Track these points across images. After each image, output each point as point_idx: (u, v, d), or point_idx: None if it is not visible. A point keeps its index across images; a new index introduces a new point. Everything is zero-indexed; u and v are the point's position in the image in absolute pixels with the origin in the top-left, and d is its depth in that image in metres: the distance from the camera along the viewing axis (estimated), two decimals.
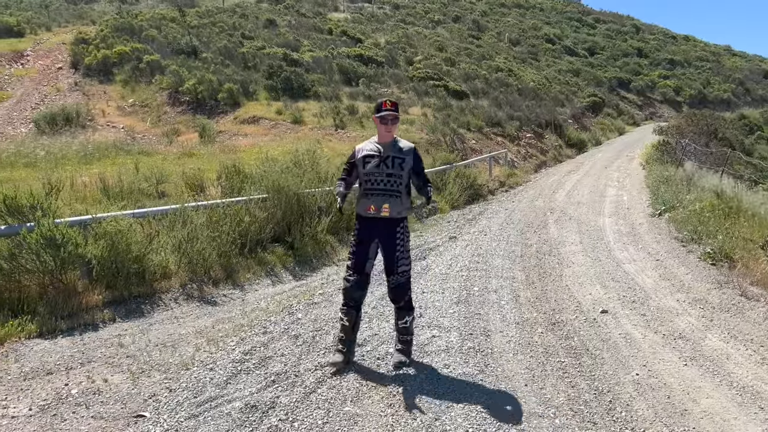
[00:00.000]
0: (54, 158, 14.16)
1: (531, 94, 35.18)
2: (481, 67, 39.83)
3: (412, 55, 38.60)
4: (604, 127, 38.42)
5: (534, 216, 12.42)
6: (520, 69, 45.58)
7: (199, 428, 3.73)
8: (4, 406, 4.07)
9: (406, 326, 4.68)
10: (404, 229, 4.63)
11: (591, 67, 60.57)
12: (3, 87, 24.53)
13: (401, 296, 4.61)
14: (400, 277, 4.57)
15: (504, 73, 40.20)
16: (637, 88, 58.50)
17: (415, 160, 4.65)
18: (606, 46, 71.55)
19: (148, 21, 34.84)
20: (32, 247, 5.70)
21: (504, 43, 58.63)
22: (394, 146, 4.63)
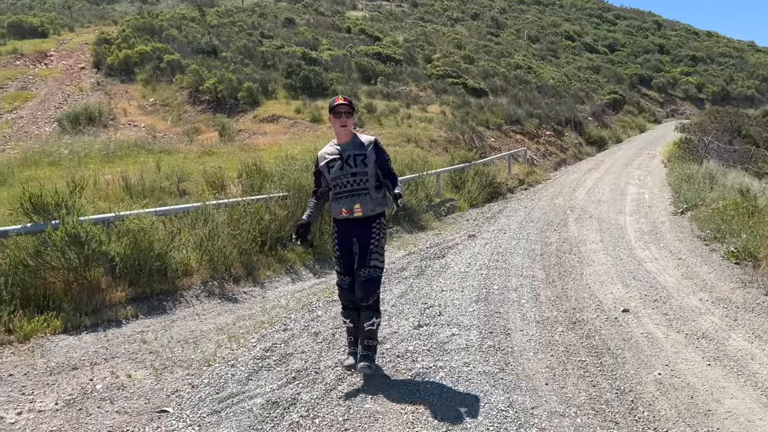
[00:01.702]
0: (77, 157, 14.36)
1: (550, 91, 34.93)
2: (500, 65, 39.63)
3: (430, 53, 38.53)
4: (624, 125, 38.02)
5: (554, 214, 12.34)
6: (539, 66, 45.28)
7: (221, 424, 3.77)
8: (31, 400, 4.15)
9: (372, 329, 4.45)
10: (380, 226, 4.51)
11: (611, 64, 59.95)
12: (27, 87, 24.92)
13: (371, 292, 4.41)
14: (372, 272, 4.41)
15: (523, 70, 39.97)
16: (659, 85, 57.78)
17: (377, 153, 4.49)
18: (627, 43, 70.76)
19: (169, 21, 35.16)
20: (57, 244, 5.80)
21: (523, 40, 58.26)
22: (354, 143, 4.48)
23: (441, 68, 32.50)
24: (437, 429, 3.68)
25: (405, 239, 9.97)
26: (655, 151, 25.44)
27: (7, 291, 5.50)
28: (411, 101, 25.76)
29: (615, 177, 18.67)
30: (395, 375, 4.48)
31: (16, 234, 5.82)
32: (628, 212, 12.39)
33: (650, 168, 20.58)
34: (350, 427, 3.71)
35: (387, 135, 19.69)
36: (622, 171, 20.22)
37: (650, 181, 17.31)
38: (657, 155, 23.96)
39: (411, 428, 3.69)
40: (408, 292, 6.73)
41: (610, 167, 21.59)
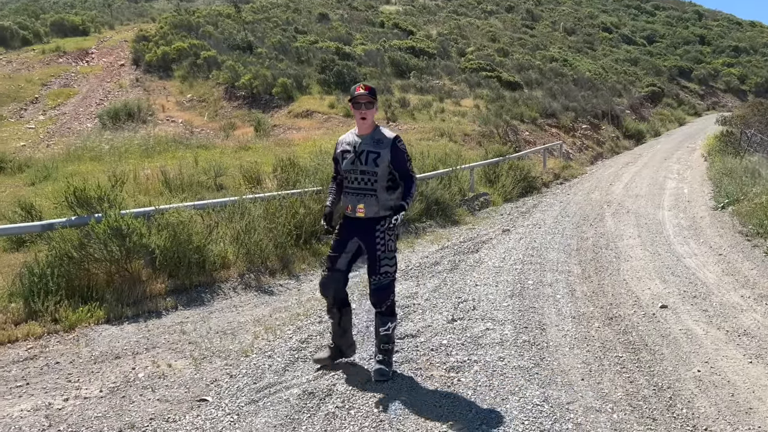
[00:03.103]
0: (118, 152, 14.71)
1: (587, 84, 34.38)
2: (535, 58, 39.16)
3: (464, 47, 38.29)
4: (663, 118, 37.19)
5: (590, 209, 12.18)
6: (575, 59, 44.59)
7: (259, 413, 3.85)
8: (77, 387, 4.30)
9: (387, 333, 4.31)
10: (388, 228, 4.24)
11: (650, 55, 58.62)
12: (70, 84, 25.60)
13: (383, 299, 4.26)
14: (383, 279, 4.23)
15: (559, 63, 39.42)
16: (699, 77, 56.24)
17: (393, 153, 4.16)
18: (666, 34, 69.11)
19: (205, 17, 35.68)
20: (100, 237, 5.96)
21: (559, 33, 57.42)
22: (372, 138, 4.21)
23: (475, 62, 32.27)
24: (472, 422, 3.69)
25: (438, 233, 9.96)
26: (695, 145, 24.86)
27: (53, 282, 5.68)
28: (444, 95, 25.66)
29: (653, 171, 18.32)
30: (429, 368, 4.50)
31: (62, 227, 6.01)
32: (667, 207, 12.16)
33: (690, 162, 20.13)
34: (385, 419, 3.75)
35: (420, 129, 19.67)
36: (661, 165, 19.82)
37: (690, 176, 16.94)
38: (697, 149, 23.42)
39: (445, 422, 3.71)
40: (441, 287, 6.74)
41: (648, 161, 21.19)
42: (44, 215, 7.60)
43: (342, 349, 4.54)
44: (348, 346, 4.58)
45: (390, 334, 4.34)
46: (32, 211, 7.89)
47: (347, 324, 4.52)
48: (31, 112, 22.37)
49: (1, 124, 20.83)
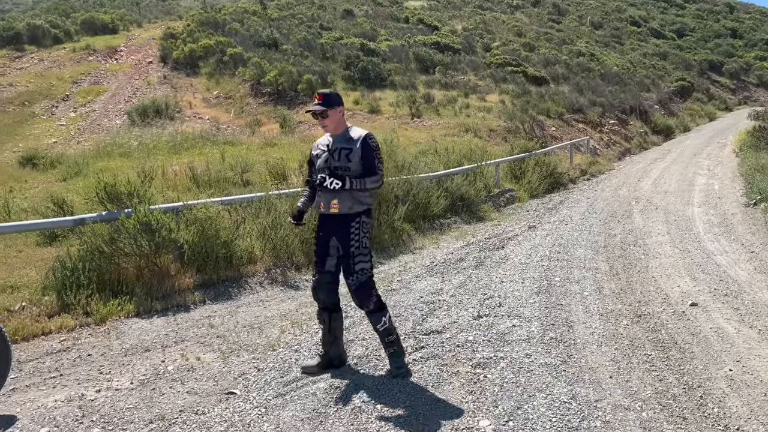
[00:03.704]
0: (146, 148, 14.93)
1: (614, 78, 33.90)
2: (561, 52, 38.73)
3: (489, 42, 38.03)
4: (693, 113, 36.50)
5: (618, 205, 12.03)
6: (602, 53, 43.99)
7: (286, 407, 3.88)
8: (109, 379, 4.38)
9: (386, 327, 4.24)
10: (361, 225, 4.21)
11: (679, 49, 57.53)
12: (99, 81, 26.03)
13: (365, 298, 4.18)
14: (360, 276, 4.16)
15: (586, 57, 38.93)
16: (730, 71, 55.00)
17: (364, 149, 4.17)
18: (696, 27, 67.76)
19: (231, 15, 35.96)
20: (130, 231, 6.07)
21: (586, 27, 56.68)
22: (344, 137, 4.23)
23: (500, 57, 32.03)
24: (499, 418, 3.68)
25: (463, 230, 9.93)
26: (726, 140, 24.35)
27: (85, 276, 5.80)
28: (469, 90, 25.52)
29: (683, 167, 18.01)
30: (455, 364, 4.49)
31: (93, 222, 6.12)
32: (697, 203, 11.95)
33: (720, 158, 19.74)
34: (412, 414, 3.75)
35: (445, 125, 19.61)
36: (691, 161, 19.48)
37: (720, 172, 16.61)
38: (728, 144, 22.94)
39: (473, 417, 3.71)
40: (467, 283, 6.71)
41: (678, 157, 20.83)
42: (75, 210, 7.75)
43: (331, 358, 4.43)
44: (337, 356, 4.46)
45: (388, 326, 4.27)
46: (64, 206, 8.06)
47: (338, 331, 4.42)
48: (62, 110, 22.80)
49: (34, 121, 21.28)
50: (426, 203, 9.78)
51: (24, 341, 5.04)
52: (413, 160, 10.90)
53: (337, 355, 4.45)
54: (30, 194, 10.37)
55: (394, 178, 9.24)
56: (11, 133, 19.29)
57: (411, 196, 9.39)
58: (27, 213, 8.40)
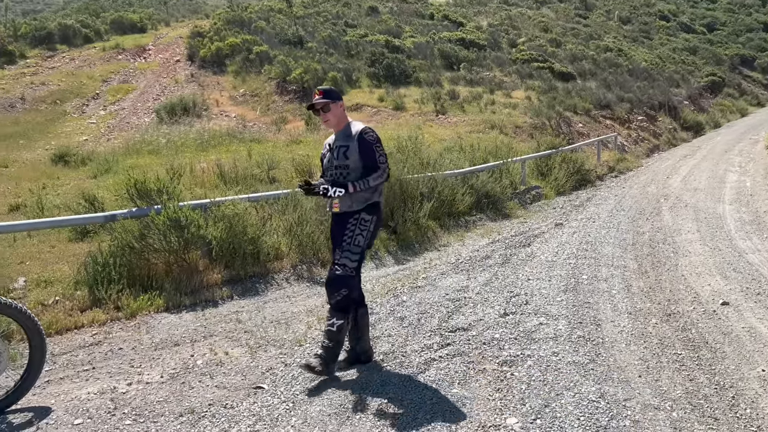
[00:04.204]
0: (174, 146, 15.13)
1: (643, 74, 33.36)
2: (588, 48, 38.24)
3: (515, 37, 37.70)
4: (723, 109, 35.75)
5: (646, 202, 11.86)
6: (630, 48, 43.33)
7: (313, 402, 3.91)
8: (139, 373, 4.46)
9: (331, 329, 4.14)
10: (359, 222, 4.16)
11: (710, 44, 56.39)
12: (128, 80, 26.42)
13: (333, 291, 4.13)
14: (337, 269, 4.12)
15: (613, 53, 38.37)
16: (763, 65, 53.67)
17: (360, 144, 4.13)
18: (727, 21, 66.31)
19: (257, 13, 36.20)
20: (160, 228, 6.16)
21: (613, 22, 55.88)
22: (343, 134, 4.24)
23: (526, 52, 31.74)
24: (526, 416, 3.67)
25: (489, 227, 9.88)
26: (758, 137, 23.82)
27: (116, 271, 5.91)
28: (495, 87, 25.34)
29: (713, 164, 17.67)
30: (482, 362, 4.48)
31: (123, 218, 6.23)
32: (728, 201, 11.73)
33: (752, 154, 19.33)
34: (438, 411, 3.75)
35: (470, 122, 19.51)
36: (721, 157, 19.10)
37: (752, 168, 16.27)
38: (760, 140, 22.44)
39: (499, 415, 3.70)
40: (493, 280, 6.68)
41: (708, 153, 20.45)
42: (106, 207, 7.90)
43: (357, 354, 4.43)
44: (364, 352, 4.44)
45: (334, 331, 4.12)
46: (95, 202, 8.22)
47: (363, 327, 4.39)
48: (92, 108, 23.21)
49: (65, 120, 21.70)
50: (451, 200, 9.75)
51: (57, 335, 5.16)
52: (438, 157, 10.87)
53: (363, 351, 4.46)
54: (62, 191, 10.58)
55: (419, 174, 9.24)
56: (44, 131, 19.69)
57: (436, 193, 9.38)
58: (59, 209, 8.58)
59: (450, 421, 3.64)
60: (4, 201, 9.81)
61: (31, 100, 22.86)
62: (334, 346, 4.18)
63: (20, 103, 22.50)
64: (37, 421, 3.70)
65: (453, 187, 9.91)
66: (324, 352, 4.17)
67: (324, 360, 4.14)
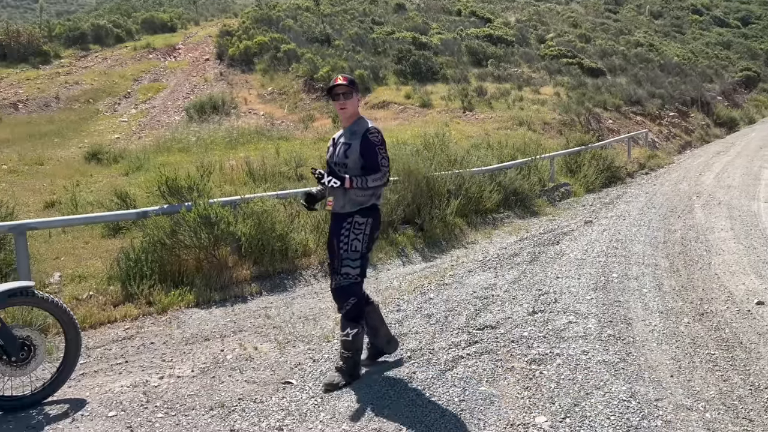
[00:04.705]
0: (204, 143, 15.31)
1: (675, 69, 32.77)
2: (618, 43, 37.69)
3: (543, 33, 37.32)
4: (758, 104, 34.94)
5: (678, 200, 11.65)
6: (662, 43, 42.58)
7: (342, 397, 3.94)
8: (171, 367, 4.54)
9: (346, 339, 4.08)
10: (353, 226, 4.02)
11: (744, 38, 55.10)
12: (159, 79, 26.81)
13: (342, 301, 4.06)
14: (341, 280, 4.02)
15: (644, 48, 37.76)
16: None
17: (363, 145, 3.98)
18: (762, 15, 64.68)
19: (285, 11, 36.41)
20: (190, 224, 6.25)
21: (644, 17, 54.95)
22: (350, 130, 4.10)
23: (555, 48, 31.41)
24: (555, 415, 3.64)
25: (517, 224, 9.81)
26: None
27: (148, 267, 6.02)
28: (523, 83, 25.13)
29: (747, 160, 17.28)
30: (510, 360, 4.45)
31: (155, 215, 6.34)
32: (763, 198, 11.46)
33: None
34: (466, 408, 3.75)
35: (497, 118, 19.38)
36: (756, 154, 18.66)
37: None
38: None
39: (528, 413, 3.68)
40: (521, 278, 6.64)
41: (742, 150, 20.00)
42: (138, 204, 8.04)
43: (379, 347, 4.41)
44: (386, 343, 4.41)
45: (349, 340, 4.08)
46: (127, 199, 8.37)
47: (376, 321, 4.34)
48: (124, 106, 23.61)
49: (98, 118, 22.11)
50: (478, 197, 9.70)
51: (91, 329, 5.27)
52: (465, 154, 10.83)
53: (386, 342, 4.42)
54: (95, 188, 10.80)
55: (447, 172, 9.21)
56: (77, 130, 20.10)
57: (463, 191, 9.34)
58: (93, 206, 8.76)
59: (478, 418, 3.63)
60: (40, 198, 10.05)
61: (65, 100, 23.35)
62: (353, 354, 4.16)
63: (55, 103, 23.00)
64: (72, 413, 3.79)
65: (480, 184, 9.86)
66: (344, 363, 4.15)
67: (345, 371, 4.13)
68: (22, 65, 27.64)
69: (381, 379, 4.18)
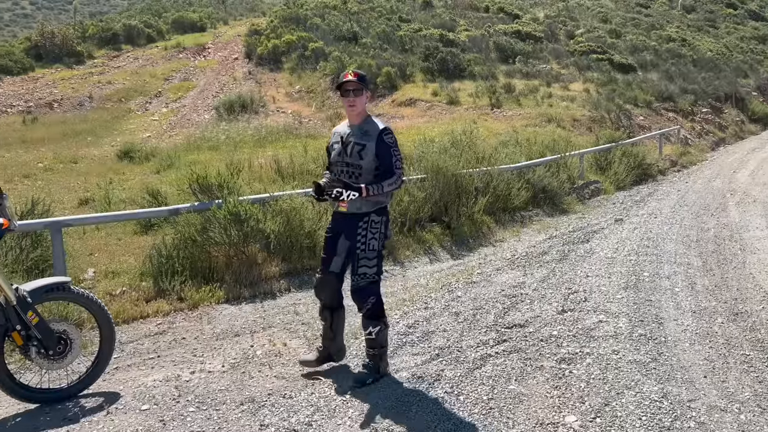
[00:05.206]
0: (233, 142, 15.48)
1: (708, 65, 32.09)
2: (650, 38, 37.04)
3: (573, 29, 36.84)
4: None
5: (711, 198, 11.42)
6: (695, 38, 41.71)
7: (370, 394, 3.96)
8: (202, 362, 4.61)
9: (371, 338, 4.09)
10: (369, 225, 4.02)
11: None
12: (189, 78, 27.16)
13: (362, 301, 4.07)
14: (360, 280, 4.04)
15: (676, 43, 37.04)
16: None
17: (379, 146, 3.94)
18: None
19: (313, 10, 36.57)
20: (220, 221, 6.33)
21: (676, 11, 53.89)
22: (360, 129, 4.02)
23: (585, 44, 31.00)
24: (585, 415, 3.61)
25: (545, 222, 9.73)
26: None
27: (179, 263, 6.11)
28: (552, 79, 24.86)
29: None
30: (539, 358, 4.42)
31: (186, 212, 6.43)
32: None
33: None
34: (495, 407, 3.73)
35: (526, 115, 19.22)
36: None
37: None
38: None
39: (557, 412, 3.65)
40: (550, 277, 6.58)
41: None
42: (169, 201, 8.15)
43: (330, 353, 4.38)
44: (337, 351, 4.39)
45: (375, 338, 4.09)
46: (158, 197, 8.49)
47: (339, 328, 4.34)
48: (155, 105, 23.98)
49: (130, 117, 22.50)
50: (506, 195, 9.64)
51: (124, 323, 5.37)
52: (493, 151, 10.76)
53: (337, 350, 4.40)
54: (127, 186, 10.99)
55: (474, 169, 9.17)
56: (110, 128, 20.48)
57: (491, 188, 9.29)
58: (125, 203, 8.92)
59: (507, 417, 3.62)
60: (75, 195, 10.28)
61: (98, 99, 23.81)
62: (379, 351, 4.17)
63: (88, 102, 23.47)
64: (107, 406, 3.87)
65: (509, 181, 9.79)
66: (371, 361, 4.18)
67: (372, 368, 4.17)
68: (57, 65, 28.29)
69: (410, 376, 4.19)
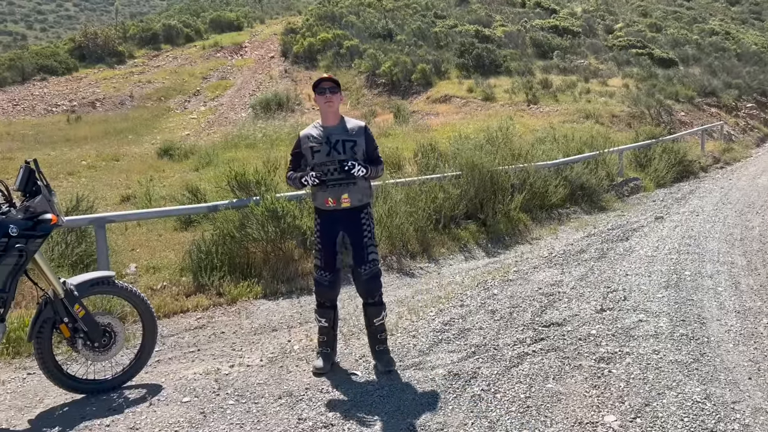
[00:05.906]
0: (269, 139, 15.66)
1: (753, 58, 31.18)
2: (691, 32, 36.16)
3: (611, 23, 36.24)
4: None
5: (756, 195, 11.10)
6: (739, 31, 40.55)
7: (405, 390, 3.96)
8: (241, 356, 4.68)
9: (382, 322, 4.29)
10: (369, 216, 4.28)
11: None
12: (226, 76, 27.58)
13: (376, 289, 4.25)
14: (372, 267, 4.22)
15: (720, 36, 36.08)
16: None
17: (367, 141, 4.26)
18: None
19: (348, 8, 36.74)
20: (258, 218, 6.42)
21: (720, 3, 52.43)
22: (342, 128, 4.22)
23: (624, 38, 30.47)
24: (625, 415, 3.55)
25: (584, 220, 9.59)
26: None
27: (218, 259, 6.22)
28: (590, 75, 24.51)
29: None
30: (577, 357, 4.37)
31: (225, 208, 6.54)
32: None
33: None
34: (532, 405, 3.70)
35: (563, 111, 18.97)
36: None
37: None
38: None
39: (596, 412, 3.60)
40: (588, 275, 6.49)
41: None
42: (208, 198, 8.30)
43: (333, 348, 4.44)
44: (337, 343, 4.53)
45: (384, 322, 4.32)
46: (197, 194, 8.65)
47: (337, 322, 4.50)
48: (193, 104, 24.42)
49: (169, 115, 22.96)
50: (543, 192, 9.54)
51: (165, 317, 5.50)
52: (530, 147, 10.65)
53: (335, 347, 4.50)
54: (167, 183, 11.23)
55: (510, 166, 9.09)
56: (150, 127, 20.93)
57: (527, 185, 9.20)
58: (165, 200, 9.11)
59: (545, 416, 3.59)
60: (117, 192, 10.54)
61: (138, 98, 24.37)
62: (387, 335, 4.42)
63: (129, 101, 24.04)
64: (149, 397, 3.97)
65: (545, 178, 9.69)
66: (386, 347, 4.37)
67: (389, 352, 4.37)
68: (99, 65, 29.04)
69: (446, 373, 4.18)
